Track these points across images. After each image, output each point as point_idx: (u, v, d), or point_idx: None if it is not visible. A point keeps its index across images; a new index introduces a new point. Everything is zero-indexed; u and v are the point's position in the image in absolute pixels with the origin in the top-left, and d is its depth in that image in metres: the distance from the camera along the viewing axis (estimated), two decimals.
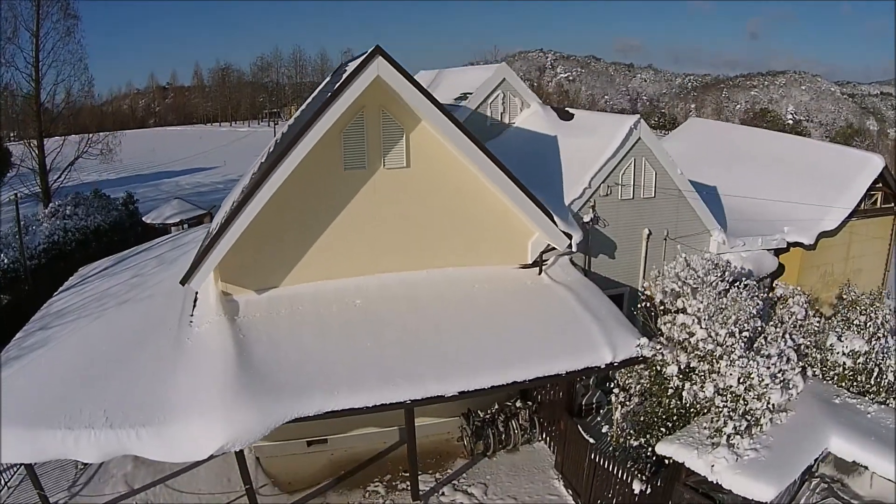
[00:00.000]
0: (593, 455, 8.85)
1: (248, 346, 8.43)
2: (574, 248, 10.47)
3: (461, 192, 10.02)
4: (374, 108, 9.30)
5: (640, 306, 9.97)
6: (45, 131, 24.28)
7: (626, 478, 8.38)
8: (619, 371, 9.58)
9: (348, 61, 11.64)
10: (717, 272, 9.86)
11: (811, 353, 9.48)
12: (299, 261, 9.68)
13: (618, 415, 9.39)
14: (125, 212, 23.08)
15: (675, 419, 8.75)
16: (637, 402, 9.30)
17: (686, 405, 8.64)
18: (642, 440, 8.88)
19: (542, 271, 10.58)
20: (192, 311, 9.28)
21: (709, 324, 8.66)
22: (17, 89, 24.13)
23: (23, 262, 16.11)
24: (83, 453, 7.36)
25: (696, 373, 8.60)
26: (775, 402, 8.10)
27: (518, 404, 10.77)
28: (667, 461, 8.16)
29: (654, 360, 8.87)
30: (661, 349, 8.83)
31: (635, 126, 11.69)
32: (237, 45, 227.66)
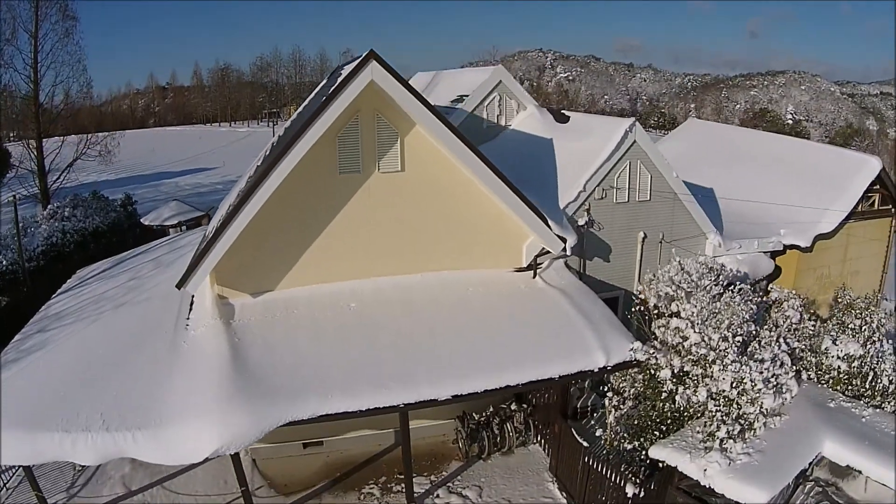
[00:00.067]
0: (587, 458, 8.88)
1: (243, 349, 8.46)
2: (568, 252, 10.47)
3: (456, 195, 10.03)
4: (369, 112, 9.31)
5: (633, 310, 9.98)
6: (44, 132, 24.26)
7: (619, 481, 8.39)
8: (613, 374, 9.59)
9: (344, 64, 11.65)
10: (711, 276, 9.86)
11: (806, 357, 9.47)
12: (294, 264, 9.70)
13: (611, 418, 9.41)
14: (123, 213, 23.09)
15: (668, 423, 8.74)
16: (631, 406, 9.29)
17: (680, 409, 8.66)
18: (636, 443, 8.88)
19: (536, 275, 10.58)
20: (188, 314, 9.30)
21: (702, 328, 8.66)
22: (15, 90, 24.17)
23: (21, 264, 16.13)
24: (80, 456, 7.40)
25: (690, 377, 8.60)
26: (768, 407, 8.11)
27: (513, 407, 10.80)
28: (660, 465, 8.17)
29: (648, 363, 8.88)
30: (654, 353, 8.82)
31: (630, 129, 11.67)
32: (237, 45, 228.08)
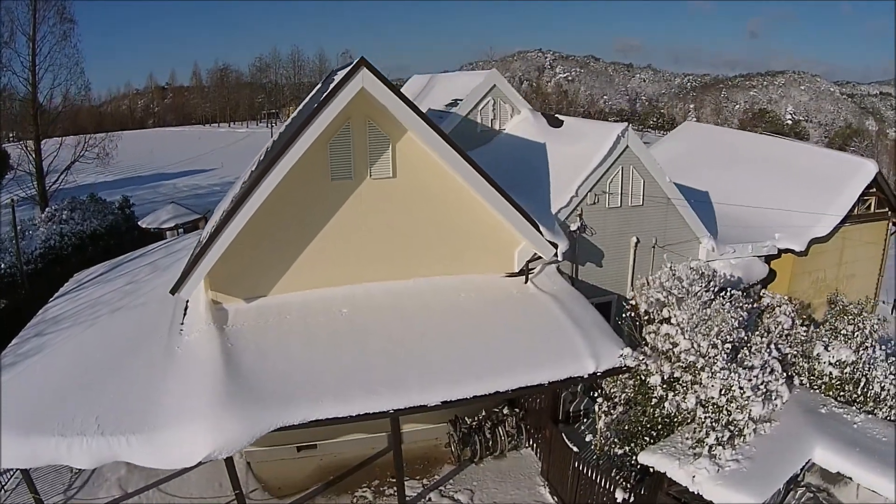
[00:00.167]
0: (577, 463, 8.94)
1: (236, 355, 8.52)
2: (560, 258, 10.52)
3: (447, 201, 10.08)
4: (361, 118, 9.36)
5: (624, 315, 10.02)
6: (43, 133, 24.32)
7: (608, 486, 8.45)
8: (603, 380, 9.64)
9: (339, 68, 11.71)
10: (702, 282, 9.89)
11: (798, 362, 9.48)
12: (287, 270, 9.76)
13: (601, 424, 9.45)
14: (121, 216, 23.12)
15: (659, 428, 8.78)
16: (622, 411, 9.33)
17: (670, 415, 8.68)
18: (626, 449, 8.93)
19: (528, 280, 10.62)
20: (182, 319, 9.37)
21: (692, 334, 8.69)
22: (14, 92, 24.23)
23: (20, 267, 16.20)
24: (76, 460, 7.47)
25: (680, 383, 8.63)
26: (757, 414, 8.13)
27: (505, 411, 10.86)
28: (651, 470, 8.21)
29: (639, 369, 8.91)
30: (644, 359, 8.85)
31: (623, 134, 11.70)
32: (236, 46, 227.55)
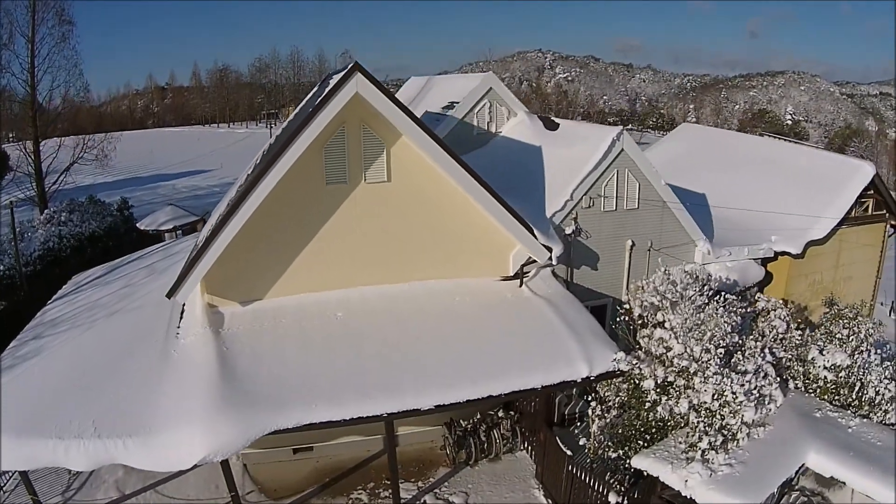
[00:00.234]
0: (570, 467, 8.97)
1: (231, 358, 8.57)
2: (554, 261, 10.54)
3: (442, 205, 10.11)
4: (355, 122, 9.41)
5: (618, 319, 10.04)
6: (42, 134, 24.37)
7: (602, 489, 8.49)
8: (598, 383, 9.67)
9: (335, 71, 11.74)
10: (696, 286, 9.89)
11: (793, 366, 9.46)
12: (282, 274, 9.81)
13: (595, 427, 9.47)
14: (120, 217, 23.15)
15: (653, 432, 8.79)
16: (616, 415, 9.35)
17: (664, 419, 8.68)
18: (620, 452, 8.94)
19: (522, 283, 10.65)
20: (178, 322, 9.42)
21: (686, 339, 8.68)
22: (13, 94, 24.27)
23: (18, 269, 16.25)
24: (73, 462, 7.54)
25: (674, 387, 8.63)
26: (750, 419, 8.10)
27: (500, 414, 10.89)
28: (644, 474, 8.21)
29: (632, 373, 8.92)
30: (638, 363, 8.86)
31: (618, 137, 11.72)
32: (236, 46, 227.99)
